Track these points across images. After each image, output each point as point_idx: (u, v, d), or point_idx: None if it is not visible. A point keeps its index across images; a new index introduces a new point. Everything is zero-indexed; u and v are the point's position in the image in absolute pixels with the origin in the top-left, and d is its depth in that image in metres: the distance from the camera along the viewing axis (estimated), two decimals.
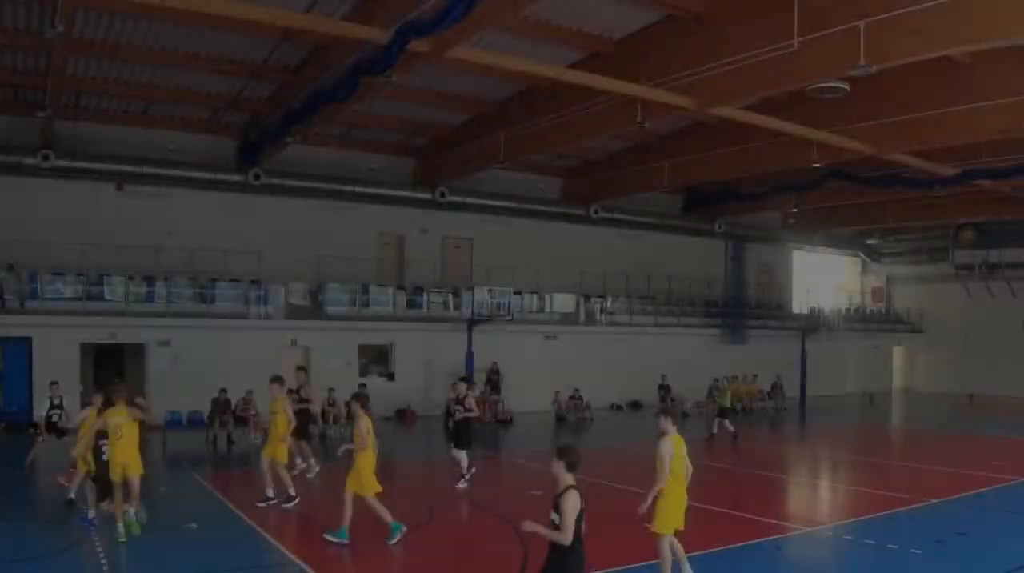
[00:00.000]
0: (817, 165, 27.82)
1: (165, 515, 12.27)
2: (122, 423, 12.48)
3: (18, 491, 16.95)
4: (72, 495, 14.45)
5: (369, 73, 19.42)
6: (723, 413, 25.83)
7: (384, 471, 13.73)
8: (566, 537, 6.93)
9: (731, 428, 25.11)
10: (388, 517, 12.58)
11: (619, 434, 28.77)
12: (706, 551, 11.63)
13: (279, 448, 15.29)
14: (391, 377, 32.11)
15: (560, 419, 31.85)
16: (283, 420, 15.23)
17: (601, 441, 26.29)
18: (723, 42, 19.55)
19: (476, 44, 19.52)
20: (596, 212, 36.82)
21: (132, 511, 12.70)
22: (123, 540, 12.20)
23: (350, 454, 12.86)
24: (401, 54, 18.00)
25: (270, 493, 15.26)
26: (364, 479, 12.61)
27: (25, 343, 25.39)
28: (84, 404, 15.19)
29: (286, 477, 15.33)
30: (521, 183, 35.30)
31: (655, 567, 10.22)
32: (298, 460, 17.52)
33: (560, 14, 20.84)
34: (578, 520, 6.98)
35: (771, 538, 12.06)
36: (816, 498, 18.30)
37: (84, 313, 26.21)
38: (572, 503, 6.96)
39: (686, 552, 10.39)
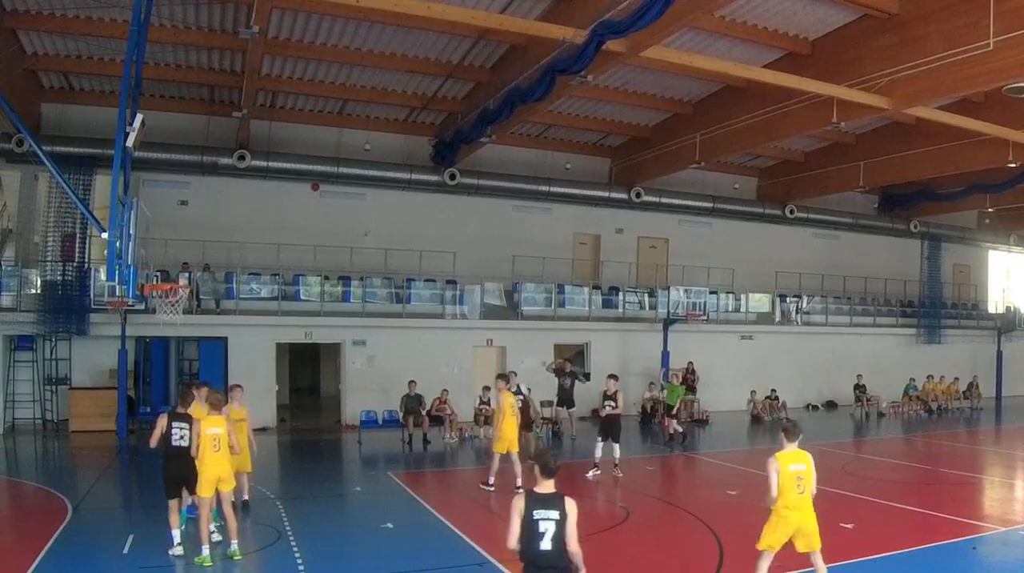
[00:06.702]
0: (1013, 165, 22.21)
1: (361, 514, 10.46)
2: (220, 434, 9.09)
3: None
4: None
5: (564, 73, 16.08)
6: (668, 412, 20.42)
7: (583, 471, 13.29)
8: None
9: (679, 429, 20.10)
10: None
11: (813, 435, 22.14)
12: (903, 550, 9.75)
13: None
14: (587, 377, 25.40)
15: (756, 419, 24.67)
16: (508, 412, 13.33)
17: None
18: (918, 42, 16.06)
19: (671, 44, 16.48)
20: (791, 212, 29.27)
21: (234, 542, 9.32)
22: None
23: None
24: (597, 54, 14.92)
25: (519, 482, 12.83)
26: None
27: (221, 343, 20.31)
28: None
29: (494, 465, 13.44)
30: (715, 182, 28.25)
31: (851, 566, 8.81)
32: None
33: (755, 14, 16.99)
34: None
35: (967, 538, 10.15)
36: (1011, 498, 15.03)
37: (279, 313, 21.07)
38: None
39: (889, 549, 9.59)
